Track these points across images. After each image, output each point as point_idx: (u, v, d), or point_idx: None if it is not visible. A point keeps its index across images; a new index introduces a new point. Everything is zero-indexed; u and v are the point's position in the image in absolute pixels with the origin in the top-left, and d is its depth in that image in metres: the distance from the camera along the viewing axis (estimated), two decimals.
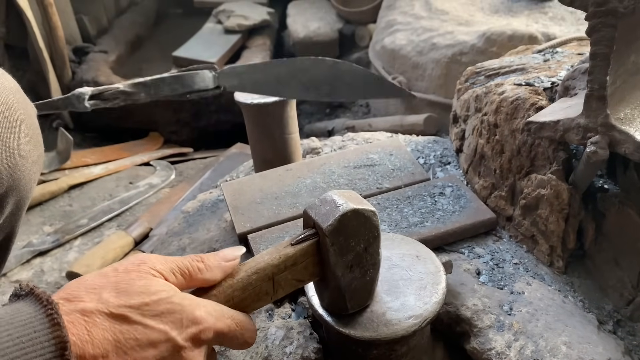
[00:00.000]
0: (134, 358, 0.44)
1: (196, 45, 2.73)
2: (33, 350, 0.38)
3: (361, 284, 0.68)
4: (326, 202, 0.65)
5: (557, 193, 0.86)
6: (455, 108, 1.21)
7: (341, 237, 0.63)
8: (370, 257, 0.68)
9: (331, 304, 0.71)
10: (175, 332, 0.47)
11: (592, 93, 0.73)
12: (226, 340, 0.55)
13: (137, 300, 0.47)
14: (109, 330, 0.44)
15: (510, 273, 0.92)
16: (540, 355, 0.77)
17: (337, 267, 0.64)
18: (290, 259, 0.63)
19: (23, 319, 0.40)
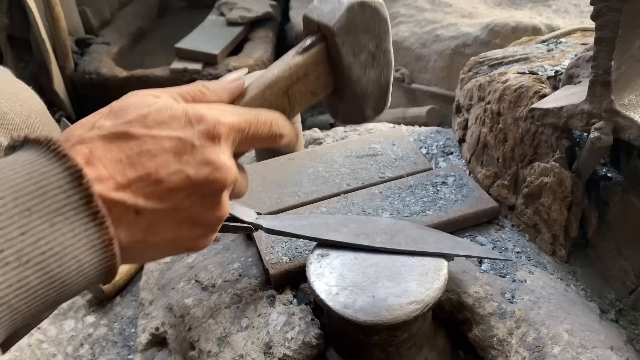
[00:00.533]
0: (154, 168, 0.40)
1: (199, 37, 2.72)
2: (48, 183, 0.35)
3: (377, 87, 0.61)
4: (328, 1, 0.58)
5: (560, 181, 0.86)
6: (458, 98, 1.21)
7: (351, 34, 0.56)
8: (383, 55, 0.60)
9: (348, 116, 0.65)
10: (186, 132, 0.43)
11: (596, 79, 0.72)
12: (249, 136, 0.49)
13: (134, 114, 0.43)
14: (115, 150, 0.40)
15: (513, 261, 0.91)
16: (542, 343, 0.77)
17: (351, 69, 0.58)
18: (301, 68, 0.56)
19: (27, 158, 0.36)
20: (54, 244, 0.35)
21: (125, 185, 0.39)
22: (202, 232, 0.46)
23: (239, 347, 0.80)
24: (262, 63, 2.60)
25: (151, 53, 3.02)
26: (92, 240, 0.37)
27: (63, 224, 0.36)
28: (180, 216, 0.43)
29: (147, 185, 0.40)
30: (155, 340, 0.97)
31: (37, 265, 0.34)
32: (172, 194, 0.41)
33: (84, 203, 0.36)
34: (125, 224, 0.39)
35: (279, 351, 0.78)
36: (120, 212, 0.39)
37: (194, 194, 0.43)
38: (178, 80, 2.53)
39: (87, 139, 0.40)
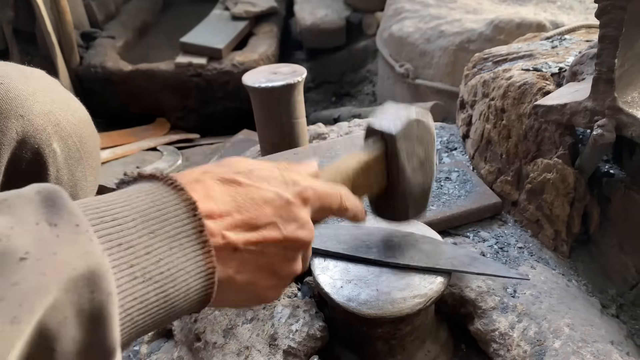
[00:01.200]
0: (255, 215, 0.45)
1: (203, 31, 2.73)
2: (168, 211, 0.39)
3: (421, 191, 0.72)
4: (388, 114, 0.69)
5: (563, 177, 0.87)
6: (462, 94, 1.22)
7: (408, 141, 0.68)
8: (429, 164, 0.72)
9: (393, 214, 0.74)
10: (283, 190, 0.48)
11: (600, 76, 0.73)
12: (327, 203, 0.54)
13: (241, 167, 0.48)
14: (226, 193, 0.44)
15: (515, 257, 0.92)
16: (543, 337, 0.78)
17: (405, 169, 0.68)
18: (366, 164, 0.66)
19: (148, 189, 0.40)
20: (171, 266, 0.39)
21: (232, 225, 0.44)
22: (275, 282, 0.49)
23: (244, 339, 0.81)
24: (267, 58, 2.61)
25: (156, 47, 3.02)
26: (199, 267, 0.40)
27: (178, 249, 0.39)
28: (264, 262, 0.47)
29: (248, 229, 0.45)
30: (161, 331, 0.98)
31: (157, 283, 0.37)
32: (264, 241, 0.46)
33: (196, 232, 0.40)
34: (222, 258, 0.43)
35: (283, 343, 0.79)
36: (222, 247, 0.43)
37: (280, 245, 0.47)
38: (183, 74, 2.54)
39: (201, 180, 0.45)
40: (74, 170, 0.69)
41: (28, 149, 0.65)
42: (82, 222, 0.33)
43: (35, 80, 0.69)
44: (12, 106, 0.64)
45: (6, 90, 0.64)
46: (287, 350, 0.78)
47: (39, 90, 0.68)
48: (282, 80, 1.19)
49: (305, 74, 1.23)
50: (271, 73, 1.24)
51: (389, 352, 0.78)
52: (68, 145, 0.70)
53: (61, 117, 0.69)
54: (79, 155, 0.70)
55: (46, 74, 0.74)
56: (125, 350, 0.38)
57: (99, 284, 0.31)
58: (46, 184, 0.34)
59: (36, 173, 0.67)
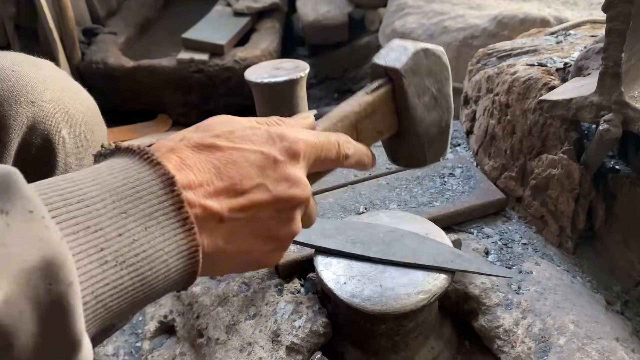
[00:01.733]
0: (238, 179, 0.42)
1: (205, 27, 2.72)
2: (143, 188, 0.37)
3: (437, 129, 0.65)
4: (393, 49, 0.62)
5: (568, 173, 0.86)
6: (466, 89, 1.21)
7: (416, 76, 0.61)
8: (444, 99, 0.65)
9: (410, 158, 0.67)
10: (269, 148, 0.45)
11: (606, 70, 0.72)
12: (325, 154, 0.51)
13: (220, 129, 0.45)
14: (204, 160, 0.42)
15: (519, 253, 0.92)
16: (547, 333, 0.78)
17: (416, 109, 0.61)
18: (369, 106, 0.60)
19: (122, 164, 0.38)
20: (147, 247, 0.36)
21: (212, 193, 0.41)
22: (274, 246, 0.47)
23: (247, 335, 0.81)
24: (269, 54, 2.60)
25: (158, 43, 3.02)
26: (180, 246, 0.38)
27: (155, 228, 0.37)
28: (257, 227, 0.44)
29: (232, 195, 0.42)
30: (163, 327, 0.98)
31: (131, 266, 0.35)
32: (253, 205, 0.43)
33: (174, 209, 0.38)
34: (208, 230, 0.41)
35: (286, 339, 0.79)
36: (205, 218, 0.40)
37: (272, 207, 0.44)
38: (185, 70, 2.53)
39: (177, 149, 0.42)
40: (82, 158, 0.69)
41: (38, 135, 0.65)
42: (37, 207, 0.30)
43: (45, 69, 0.69)
44: (23, 92, 0.64)
45: (17, 78, 0.64)
46: (290, 347, 0.78)
47: (48, 79, 0.68)
48: (284, 76, 1.18)
49: (308, 70, 1.22)
50: (274, 68, 1.23)
51: (392, 348, 0.78)
52: (76, 133, 0.70)
53: (70, 105, 0.68)
54: (87, 144, 0.69)
55: (55, 65, 0.74)
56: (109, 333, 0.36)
57: (56, 275, 0.29)
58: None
59: (45, 159, 0.67)
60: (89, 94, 0.75)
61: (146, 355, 0.94)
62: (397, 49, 0.62)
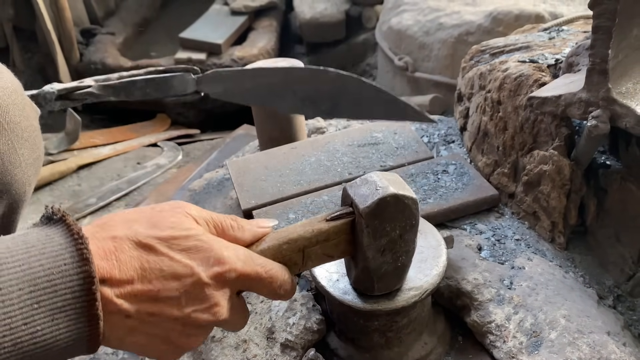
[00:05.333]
0: (157, 288, 0.45)
1: (203, 26, 2.72)
2: (62, 282, 0.40)
3: (391, 268, 0.68)
4: (367, 183, 0.64)
5: (559, 169, 0.87)
6: (460, 86, 1.22)
7: (377, 220, 0.62)
8: (404, 244, 0.66)
9: (358, 283, 0.71)
10: (200, 268, 0.47)
11: (593, 67, 0.73)
12: (253, 285, 0.54)
13: (166, 233, 0.47)
14: (136, 258, 0.45)
15: (512, 249, 0.93)
16: (539, 328, 0.78)
17: (368, 249, 0.64)
18: (323, 234, 0.62)
19: (54, 249, 0.41)
20: (48, 337, 0.40)
21: (128, 295, 0.45)
22: (172, 349, 0.50)
23: (242, 333, 0.82)
24: (266, 52, 2.61)
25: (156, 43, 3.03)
26: (81, 337, 0.42)
27: (62, 320, 0.41)
28: (158, 332, 0.47)
29: (145, 300, 0.45)
30: None
31: (26, 353, 0.39)
32: (162, 315, 0.46)
33: (86, 306, 0.42)
34: (112, 322, 0.44)
35: (281, 336, 0.80)
36: (114, 313, 0.44)
37: (178, 322, 0.47)
38: None
39: (119, 238, 0.46)
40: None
41: None
42: None
43: None
44: None
45: None
46: (285, 344, 0.79)
47: None
48: None
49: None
50: None
51: (385, 344, 0.79)
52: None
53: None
54: (0, 127, 0.66)
55: None
56: None
57: None
58: None
59: None
60: (7, 71, 0.72)
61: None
62: (370, 186, 0.63)
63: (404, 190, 0.63)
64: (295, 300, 0.84)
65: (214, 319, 0.49)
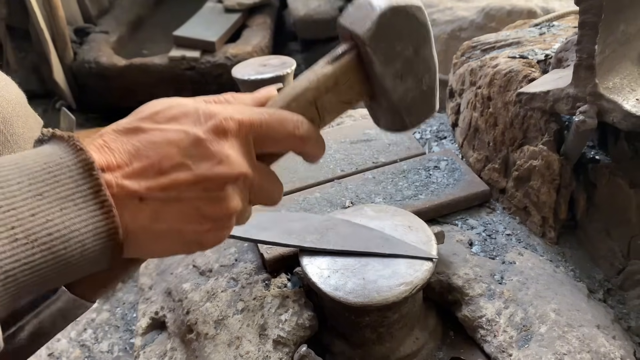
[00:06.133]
0: (157, 159, 0.43)
1: (196, 24, 2.72)
2: (61, 172, 0.39)
3: (418, 94, 0.57)
4: (360, 7, 0.54)
5: (548, 164, 0.87)
6: (451, 82, 1.22)
7: (383, 42, 0.53)
8: (423, 61, 0.56)
9: (390, 124, 0.61)
10: (193, 128, 0.44)
11: (580, 62, 0.74)
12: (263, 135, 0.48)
13: (147, 112, 0.45)
14: (126, 143, 0.43)
15: (503, 244, 0.93)
16: (529, 322, 0.79)
17: (385, 79, 0.54)
18: (330, 78, 0.54)
19: (47, 151, 0.41)
20: (61, 227, 0.38)
21: (130, 174, 0.42)
22: (209, 227, 0.46)
23: (234, 329, 0.82)
24: (260, 50, 2.60)
25: (150, 41, 3.02)
26: (98, 227, 0.40)
27: (71, 210, 0.39)
28: (184, 207, 0.44)
29: (151, 175, 0.42)
30: (154, 323, 0.99)
31: (44, 245, 0.37)
32: (174, 185, 0.43)
33: (92, 192, 0.40)
34: (130, 210, 0.42)
35: (273, 333, 0.80)
36: (125, 198, 0.42)
37: (196, 186, 0.44)
38: (176, 68, 2.54)
39: (105, 133, 0.44)
40: (1, 152, 0.66)
41: None
42: None
43: None
44: None
45: None
46: (277, 340, 0.79)
47: None
48: (271, 73, 1.19)
49: (294, 66, 1.23)
50: (260, 65, 1.24)
51: (377, 339, 0.79)
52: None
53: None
54: (4, 139, 0.66)
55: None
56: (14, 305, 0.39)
57: None
58: None
59: None
60: (12, 82, 0.72)
61: (138, 351, 0.96)
62: (363, 8, 0.54)
63: (402, 1, 0.53)
64: (287, 297, 0.84)
65: (231, 170, 0.45)
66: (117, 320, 1.13)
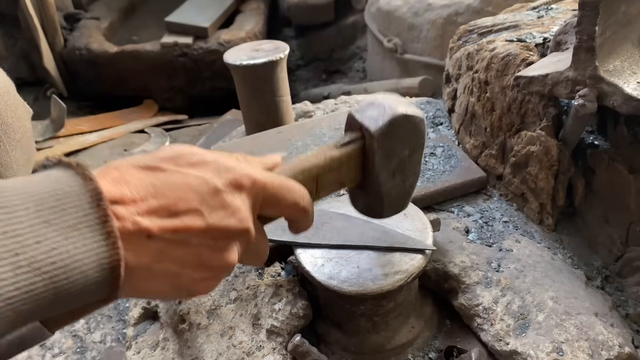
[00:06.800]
0: (174, 201, 0.43)
1: (189, 9, 2.68)
2: (70, 201, 0.38)
3: (400, 191, 0.66)
4: (374, 106, 0.62)
5: (547, 149, 0.86)
6: (447, 67, 1.20)
7: (388, 140, 0.61)
8: (413, 165, 0.66)
9: (367, 209, 0.69)
10: (213, 177, 0.45)
11: (580, 44, 0.72)
12: (272, 197, 0.50)
13: (170, 154, 0.46)
14: (144, 178, 0.43)
15: (500, 231, 0.92)
16: (526, 310, 0.78)
17: (381, 171, 0.62)
18: (335, 161, 0.60)
19: (55, 177, 0.39)
20: (65, 256, 0.37)
21: (145, 211, 0.42)
22: (205, 275, 0.46)
23: (228, 319, 0.81)
24: (254, 35, 2.57)
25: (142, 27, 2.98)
26: (101, 259, 0.39)
27: (77, 239, 0.38)
28: (188, 252, 0.44)
29: (165, 215, 0.42)
30: (147, 314, 0.97)
31: (46, 274, 0.36)
32: (185, 229, 0.43)
33: (99, 222, 0.39)
34: (135, 246, 0.41)
35: (266, 322, 0.79)
36: (133, 234, 0.41)
37: (205, 234, 0.44)
38: (169, 54, 2.50)
39: (122, 167, 0.43)
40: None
41: None
42: None
43: None
44: None
45: None
46: (271, 330, 0.78)
47: None
48: (263, 57, 1.17)
49: (287, 51, 1.21)
50: (253, 50, 1.21)
51: (372, 328, 0.78)
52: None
53: None
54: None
55: None
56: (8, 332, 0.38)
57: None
58: None
59: None
60: (2, 72, 0.71)
61: (130, 341, 0.94)
62: (377, 108, 0.61)
63: (413, 110, 0.62)
64: (281, 286, 0.83)
65: (240, 225, 0.46)
66: (109, 310, 1.12)
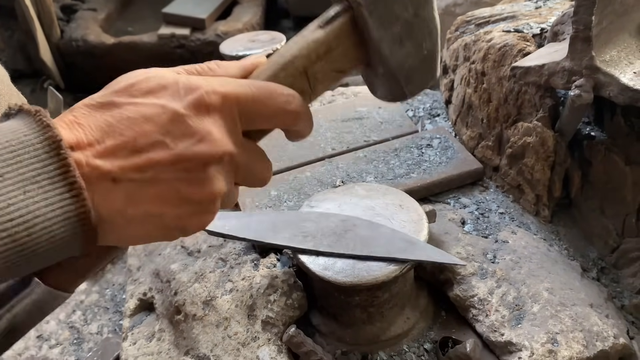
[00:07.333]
0: (132, 137, 0.39)
1: (186, 1, 2.66)
2: (25, 152, 0.35)
3: (418, 60, 0.52)
4: None
5: (543, 140, 0.86)
6: (444, 58, 1.19)
7: (381, 2, 0.48)
8: (423, 23, 0.51)
9: (388, 93, 0.56)
10: (171, 102, 0.41)
11: (577, 34, 0.71)
12: (251, 109, 0.44)
13: (123, 84, 0.41)
14: (99, 119, 0.39)
15: (496, 222, 0.92)
16: (522, 301, 0.78)
17: (382, 43, 0.49)
18: (322, 45, 0.49)
19: (11, 127, 0.37)
20: (24, 212, 0.35)
21: (103, 153, 0.38)
22: (192, 210, 0.42)
23: (223, 310, 0.81)
24: (252, 27, 2.56)
25: (139, 19, 2.96)
26: (67, 212, 0.36)
27: (36, 192, 0.35)
28: (163, 190, 0.40)
29: (125, 154, 0.39)
30: (143, 305, 0.97)
31: (5, 231, 0.34)
32: (151, 165, 0.39)
33: (60, 173, 0.36)
34: (102, 192, 0.38)
35: (262, 313, 0.79)
36: (96, 179, 0.38)
37: (175, 166, 0.40)
38: (166, 46, 2.49)
39: (76, 108, 0.40)
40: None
41: None
42: None
43: None
44: None
45: None
46: (266, 320, 0.78)
47: None
48: (259, 48, 1.16)
49: (284, 41, 1.20)
50: (249, 41, 1.21)
51: (367, 319, 0.78)
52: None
53: None
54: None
55: None
56: None
57: None
58: None
59: None
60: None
61: (126, 332, 0.94)
62: None
63: None
64: (276, 277, 0.82)
65: (214, 149, 0.41)
66: (106, 301, 1.12)
